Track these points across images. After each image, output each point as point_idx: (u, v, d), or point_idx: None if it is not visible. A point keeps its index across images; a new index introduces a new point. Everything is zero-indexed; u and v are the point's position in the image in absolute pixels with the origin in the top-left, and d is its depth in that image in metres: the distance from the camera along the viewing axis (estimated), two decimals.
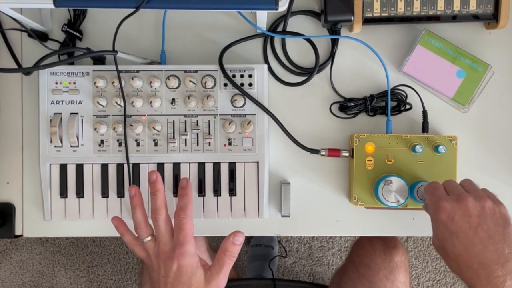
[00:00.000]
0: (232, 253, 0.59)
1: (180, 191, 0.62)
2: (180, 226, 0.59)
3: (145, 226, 0.62)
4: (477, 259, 0.52)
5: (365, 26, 0.69)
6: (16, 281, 1.59)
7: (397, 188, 0.66)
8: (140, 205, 0.62)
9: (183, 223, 0.59)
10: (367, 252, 0.90)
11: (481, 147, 0.72)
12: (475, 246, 0.52)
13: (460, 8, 0.68)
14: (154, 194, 0.62)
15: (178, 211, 0.60)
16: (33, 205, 0.72)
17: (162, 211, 0.60)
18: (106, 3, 0.58)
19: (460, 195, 0.55)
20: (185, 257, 0.58)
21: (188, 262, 0.58)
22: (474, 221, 0.53)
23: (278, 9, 0.57)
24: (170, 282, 0.58)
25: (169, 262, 0.58)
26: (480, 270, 0.51)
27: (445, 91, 0.70)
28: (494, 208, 0.54)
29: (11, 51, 0.71)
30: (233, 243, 0.59)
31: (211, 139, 0.68)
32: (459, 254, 0.53)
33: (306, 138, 0.72)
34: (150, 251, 0.61)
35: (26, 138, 0.72)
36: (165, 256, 0.59)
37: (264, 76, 0.69)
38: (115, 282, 1.59)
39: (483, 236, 0.52)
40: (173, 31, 0.72)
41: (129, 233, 0.63)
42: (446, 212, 0.55)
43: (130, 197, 0.63)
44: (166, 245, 0.59)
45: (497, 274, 0.50)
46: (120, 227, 0.63)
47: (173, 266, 0.58)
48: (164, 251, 0.59)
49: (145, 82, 0.68)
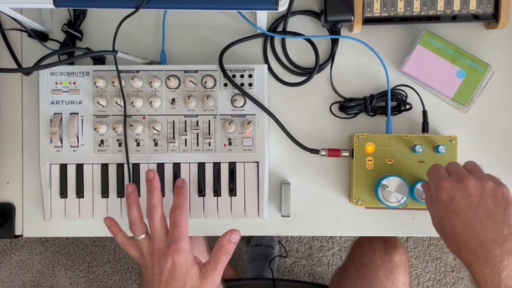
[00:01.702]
0: (228, 250, 0.59)
1: (176, 190, 0.64)
2: (175, 223, 0.60)
3: (140, 223, 0.62)
4: (476, 238, 0.52)
5: (365, 26, 0.69)
6: (16, 281, 1.59)
7: (397, 188, 0.66)
8: (136, 203, 0.62)
9: (178, 220, 0.60)
10: (367, 252, 0.90)
11: (481, 147, 0.72)
12: (474, 225, 0.52)
13: (460, 8, 0.68)
14: (150, 192, 0.62)
15: (173, 209, 0.61)
16: (33, 205, 0.72)
17: (157, 209, 0.61)
18: (106, 3, 0.58)
19: (461, 175, 0.56)
20: (179, 254, 0.58)
21: (183, 259, 0.58)
22: (475, 201, 0.53)
23: (278, 9, 0.57)
24: (164, 280, 0.58)
25: (163, 260, 0.58)
26: (478, 249, 0.52)
27: (445, 91, 0.70)
28: (496, 188, 0.54)
29: (11, 51, 0.71)
30: (229, 240, 0.60)
31: (211, 139, 0.68)
32: (458, 233, 0.53)
33: (306, 138, 0.72)
34: (144, 249, 0.61)
35: (26, 138, 0.72)
36: (159, 254, 0.59)
37: (264, 76, 0.69)
38: (115, 282, 1.59)
39: (483, 215, 0.53)
40: (173, 31, 0.72)
41: (122, 233, 0.63)
42: (446, 192, 0.55)
43: (126, 194, 0.63)
44: (160, 243, 0.60)
45: (495, 253, 0.50)
46: (113, 227, 0.63)
47: (167, 263, 0.58)
48: (159, 248, 0.59)
49: (145, 82, 0.68)
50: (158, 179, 0.63)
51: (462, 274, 1.55)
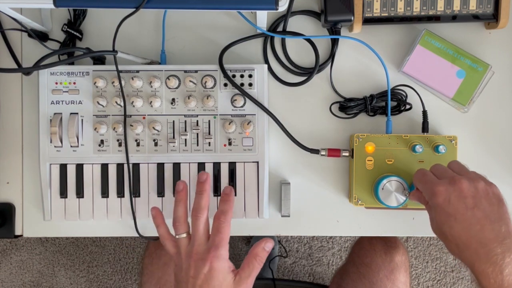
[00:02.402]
0: (262, 259, 0.60)
1: (223, 196, 0.63)
2: (218, 229, 0.59)
3: (184, 222, 0.62)
4: (475, 239, 0.52)
5: (365, 26, 0.69)
6: (16, 281, 1.59)
7: (397, 188, 0.66)
8: (184, 201, 0.63)
9: (222, 226, 0.59)
10: (367, 252, 0.90)
11: (481, 147, 0.72)
12: (473, 226, 0.53)
13: (460, 8, 0.68)
14: (200, 193, 0.62)
15: (219, 214, 0.61)
16: (33, 205, 0.72)
17: (204, 212, 0.61)
18: (106, 3, 0.58)
19: (453, 178, 0.56)
20: (218, 260, 0.58)
21: (221, 266, 0.58)
22: (470, 202, 0.54)
23: (278, 9, 0.57)
24: (199, 284, 0.57)
25: (201, 263, 0.58)
26: (479, 249, 0.52)
27: (445, 91, 0.70)
28: (487, 188, 0.55)
29: (11, 51, 0.71)
30: (264, 249, 0.60)
31: (211, 139, 0.68)
32: (457, 236, 0.54)
33: (306, 138, 0.72)
34: (182, 248, 0.61)
35: (26, 138, 0.72)
36: (198, 257, 0.59)
37: (264, 76, 0.69)
38: (115, 282, 1.59)
39: (480, 216, 0.53)
40: (173, 31, 0.72)
41: (165, 225, 0.64)
42: (442, 196, 0.55)
43: (177, 191, 0.63)
44: (200, 246, 0.59)
45: (496, 252, 0.51)
46: (158, 218, 0.64)
47: (204, 268, 0.57)
48: (198, 251, 0.59)
49: (145, 82, 0.68)
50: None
51: (462, 274, 1.55)
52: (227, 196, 0.63)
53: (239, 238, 1.56)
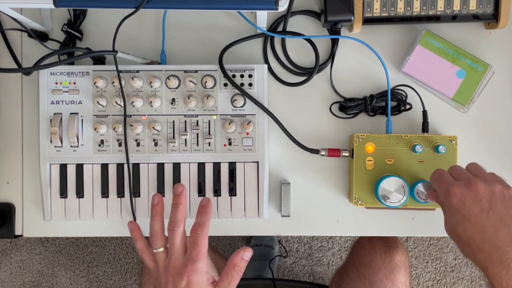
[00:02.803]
0: (240, 268, 0.59)
1: (200, 208, 0.62)
2: (195, 242, 0.59)
3: (160, 236, 0.62)
4: (489, 242, 0.52)
5: (365, 26, 0.69)
6: (16, 281, 1.59)
7: (397, 188, 0.66)
8: (160, 214, 0.62)
9: (199, 239, 0.59)
10: (367, 252, 0.90)
11: (481, 147, 0.72)
12: (487, 229, 0.53)
13: (460, 8, 0.68)
14: (176, 206, 0.61)
15: (195, 227, 0.60)
16: (33, 205, 0.72)
17: (180, 225, 0.60)
18: (106, 3, 0.58)
19: (469, 180, 0.56)
20: (196, 274, 0.57)
21: (199, 280, 0.57)
22: (485, 205, 0.54)
23: (278, 9, 0.57)
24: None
25: (178, 278, 0.58)
26: (492, 252, 0.52)
27: (445, 91, 0.70)
28: (504, 191, 0.55)
29: (11, 51, 0.71)
30: (242, 258, 0.59)
31: (211, 139, 0.68)
32: (471, 238, 0.54)
33: (306, 138, 0.72)
34: (160, 262, 0.61)
35: (26, 138, 0.72)
36: (175, 271, 0.58)
37: (264, 76, 0.69)
38: (115, 282, 1.59)
39: (495, 219, 0.53)
40: (173, 31, 0.72)
41: (143, 240, 0.63)
42: (457, 197, 0.55)
43: (152, 204, 0.63)
44: (177, 260, 0.59)
45: (509, 256, 0.51)
46: (135, 232, 0.64)
47: (182, 282, 0.57)
48: (175, 265, 0.59)
49: (145, 82, 0.68)
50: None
51: (462, 274, 1.55)
52: (204, 207, 0.62)
53: (239, 238, 1.56)
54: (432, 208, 0.68)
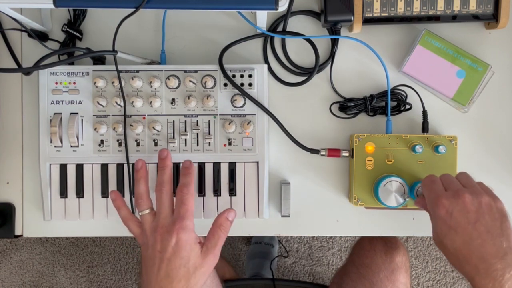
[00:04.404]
0: (226, 228, 0.61)
1: (183, 170, 0.64)
2: (182, 201, 0.60)
3: (146, 198, 0.62)
4: (476, 254, 0.53)
5: (365, 26, 0.69)
6: (16, 281, 1.59)
7: (397, 188, 0.66)
8: (144, 178, 0.63)
9: (186, 198, 0.60)
10: (367, 253, 0.89)
11: (481, 147, 0.72)
12: (474, 240, 0.53)
13: (460, 8, 0.68)
14: (162, 169, 0.62)
15: (181, 187, 0.61)
16: (33, 205, 0.72)
17: (167, 185, 0.61)
18: (106, 3, 0.58)
19: (457, 191, 0.56)
20: (185, 231, 0.58)
21: (188, 237, 0.58)
22: (473, 217, 0.54)
23: (278, 9, 0.57)
24: (167, 257, 0.57)
25: (167, 236, 0.58)
26: (479, 264, 0.52)
27: (445, 91, 0.70)
28: (491, 203, 0.55)
29: (11, 51, 0.71)
30: (227, 218, 0.61)
31: (211, 139, 0.68)
32: (458, 249, 0.54)
33: (306, 138, 0.72)
34: (147, 225, 0.61)
35: (26, 138, 0.72)
36: (164, 230, 0.59)
37: (264, 76, 0.69)
38: (115, 282, 1.59)
39: (482, 230, 0.53)
40: (173, 31, 0.72)
41: (126, 207, 0.64)
42: (445, 208, 0.55)
43: (136, 170, 0.63)
44: (165, 219, 0.59)
45: (496, 268, 0.51)
46: (118, 201, 0.64)
47: (171, 240, 0.58)
48: (163, 224, 0.59)
49: (145, 82, 0.68)
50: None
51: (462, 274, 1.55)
52: (187, 169, 0.63)
53: (239, 238, 1.56)
54: None
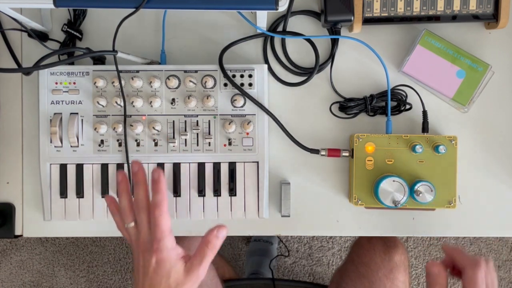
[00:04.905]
0: (214, 246, 0.59)
1: (153, 185, 0.60)
2: (155, 224, 0.59)
3: (129, 212, 0.61)
4: None
5: (365, 26, 0.69)
6: (16, 281, 1.59)
7: (397, 188, 0.66)
8: (126, 191, 0.62)
9: (159, 220, 0.58)
10: (367, 252, 0.90)
11: (481, 147, 0.72)
12: None
13: (460, 8, 0.68)
14: (136, 184, 0.61)
15: (153, 208, 0.59)
16: (33, 205, 0.72)
17: (142, 202, 0.60)
18: (106, 3, 0.58)
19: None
20: (162, 251, 0.58)
21: (166, 256, 0.58)
22: None
23: (278, 9, 0.57)
24: (149, 273, 0.58)
25: (147, 255, 0.58)
26: None
27: (445, 91, 0.70)
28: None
29: (11, 51, 0.71)
30: (217, 236, 0.59)
31: (211, 139, 0.68)
32: None
33: (306, 138, 0.72)
34: (132, 237, 0.61)
35: (26, 138, 0.72)
36: (145, 248, 0.59)
37: (264, 76, 0.69)
38: (115, 282, 1.59)
39: None
40: (173, 31, 0.72)
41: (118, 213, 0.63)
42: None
43: (117, 182, 0.62)
44: (145, 237, 0.59)
45: None
46: (111, 206, 0.63)
47: (151, 260, 0.58)
48: (144, 242, 0.59)
49: (145, 82, 0.68)
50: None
51: None
52: (157, 184, 0.59)
53: (239, 238, 1.56)
54: (432, 208, 0.68)
